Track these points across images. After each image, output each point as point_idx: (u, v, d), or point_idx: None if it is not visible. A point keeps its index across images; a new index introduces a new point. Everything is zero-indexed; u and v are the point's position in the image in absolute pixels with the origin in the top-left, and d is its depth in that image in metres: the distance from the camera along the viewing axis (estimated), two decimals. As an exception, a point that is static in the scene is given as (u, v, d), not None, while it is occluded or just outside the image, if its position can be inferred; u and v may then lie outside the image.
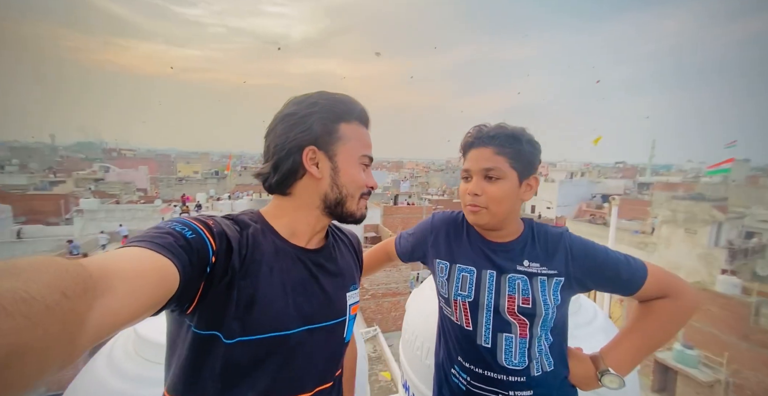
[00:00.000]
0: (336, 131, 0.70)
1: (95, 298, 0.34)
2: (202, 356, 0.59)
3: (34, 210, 21.48)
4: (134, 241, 0.48)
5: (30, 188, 27.31)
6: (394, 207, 21.34)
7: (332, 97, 0.72)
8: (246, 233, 0.65)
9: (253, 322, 0.60)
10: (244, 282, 0.60)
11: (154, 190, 32.76)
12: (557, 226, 0.98)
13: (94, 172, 35.93)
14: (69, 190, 26.90)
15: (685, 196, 19.05)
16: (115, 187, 29.46)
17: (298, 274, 0.68)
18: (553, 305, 0.87)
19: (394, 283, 12.01)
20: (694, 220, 16.10)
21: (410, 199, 27.37)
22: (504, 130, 0.89)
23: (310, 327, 0.68)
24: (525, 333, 0.88)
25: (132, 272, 0.41)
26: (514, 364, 0.88)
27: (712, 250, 15.29)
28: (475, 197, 0.89)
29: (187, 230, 0.54)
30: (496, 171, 0.87)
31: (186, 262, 0.50)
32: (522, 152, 0.88)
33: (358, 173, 0.72)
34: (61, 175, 35.65)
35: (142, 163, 43.66)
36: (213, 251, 0.56)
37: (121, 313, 0.38)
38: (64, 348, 0.30)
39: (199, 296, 0.57)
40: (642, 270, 0.87)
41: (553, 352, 0.92)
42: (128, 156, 52.20)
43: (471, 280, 0.93)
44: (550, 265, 0.89)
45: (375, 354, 6.75)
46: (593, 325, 1.25)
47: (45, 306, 0.28)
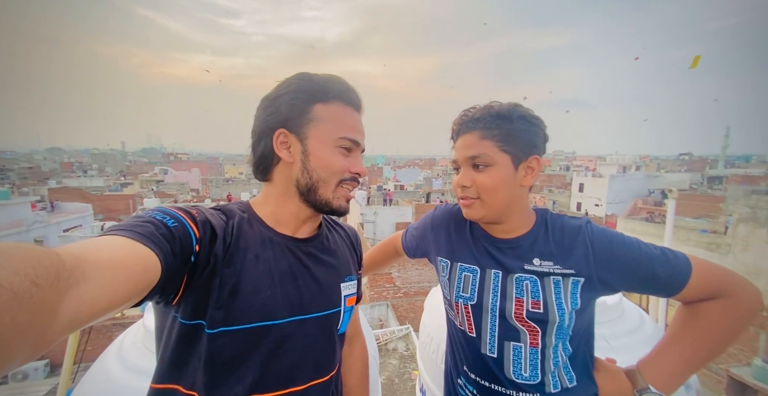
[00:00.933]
0: (308, 112, 0.65)
1: (68, 288, 0.33)
2: (188, 346, 0.58)
3: (110, 208, 24.55)
4: (113, 230, 0.47)
5: (106, 190, 31.25)
6: (426, 205, 21.05)
7: (309, 78, 0.67)
8: (232, 222, 0.64)
9: (236, 311, 0.58)
10: (227, 270, 0.59)
11: (204, 190, 35.69)
12: (577, 217, 0.84)
13: (155, 175, 40.03)
14: (136, 191, 30.31)
15: (769, 191, 16.44)
16: (172, 187, 32.62)
17: (287, 263, 0.66)
18: (570, 310, 0.75)
19: (426, 281, 11.87)
20: (780, 218, 13.84)
21: (443, 197, 26.83)
22: (490, 110, 0.78)
23: (301, 317, 0.65)
24: (536, 342, 0.76)
25: (109, 261, 0.40)
26: (524, 378, 0.76)
27: (805, 253, 13.03)
28: (464, 189, 0.80)
29: (169, 219, 0.53)
30: (482, 158, 0.77)
31: (168, 251, 0.49)
32: (513, 132, 0.76)
33: (332, 157, 0.66)
34: (130, 177, 40.25)
35: (195, 166, 47.82)
36: (196, 240, 0.54)
37: (97, 303, 0.37)
38: (32, 338, 0.29)
39: (184, 286, 0.55)
40: (685, 266, 0.72)
41: (575, 365, 0.79)
42: (183, 159, 57.46)
43: (474, 280, 0.83)
44: (565, 263, 0.77)
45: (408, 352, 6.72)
46: (638, 334, 1.10)
47: (13, 293, 0.27)
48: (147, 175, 40.92)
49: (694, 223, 17.86)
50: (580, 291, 0.76)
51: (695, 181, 31.23)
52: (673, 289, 0.73)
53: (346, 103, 0.68)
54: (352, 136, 0.68)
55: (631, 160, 32.30)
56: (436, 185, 31.95)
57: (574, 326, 0.77)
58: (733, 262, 14.52)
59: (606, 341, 0.90)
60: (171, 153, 67.51)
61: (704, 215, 19.59)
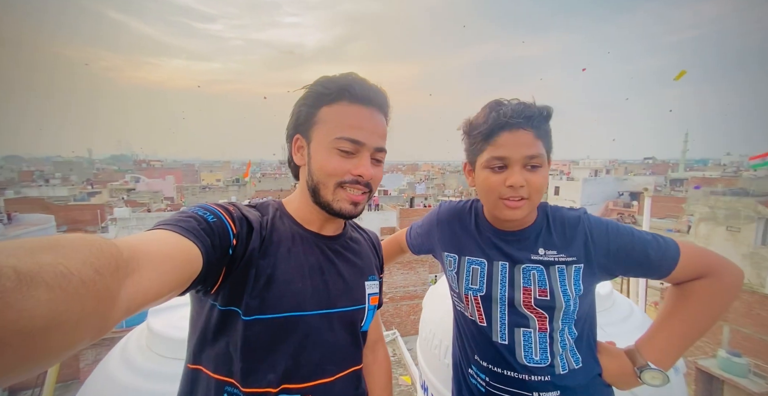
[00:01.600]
0: (315, 115, 0.67)
1: (126, 277, 0.36)
2: (223, 330, 0.61)
3: (75, 219, 23.04)
4: (161, 225, 0.51)
5: (71, 199, 29.37)
6: (410, 209, 21.23)
7: (321, 81, 0.68)
8: (266, 217, 0.68)
9: (270, 300, 0.61)
10: (263, 261, 0.62)
11: (180, 198, 34.31)
12: (575, 208, 0.88)
13: (126, 183, 38.15)
14: (104, 200, 28.69)
15: (726, 192, 17.77)
16: (144, 196, 31.14)
17: (315, 258, 0.69)
18: (575, 296, 0.79)
19: (412, 285, 11.89)
20: (736, 217, 14.96)
21: (426, 201, 27.16)
22: (534, 109, 0.76)
23: (328, 311, 0.68)
24: (545, 327, 0.79)
25: (159, 253, 0.43)
26: (535, 362, 0.80)
27: (759, 249, 14.13)
28: (517, 189, 0.75)
29: (209, 214, 0.57)
30: (539, 158, 0.75)
31: (208, 244, 0.52)
32: (549, 134, 0.80)
33: (328, 159, 0.66)
34: (98, 186, 38.10)
35: (169, 173, 45.96)
36: (233, 234, 0.58)
37: (149, 291, 0.40)
38: (97, 322, 0.32)
39: (223, 277, 0.59)
40: (674, 249, 0.77)
41: (581, 347, 0.83)
42: (156, 167, 55.12)
43: (482, 272, 0.86)
44: (568, 251, 0.80)
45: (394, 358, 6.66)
46: (629, 322, 1.15)
47: (81, 281, 0.30)
48: (117, 183, 38.94)
49: (660, 223, 18.99)
50: (582, 277, 0.79)
51: (659, 184, 33.26)
52: (664, 270, 0.77)
53: (352, 101, 0.66)
54: (350, 136, 0.65)
55: (601, 164, 34.11)
56: (420, 190, 32.34)
57: (578, 310, 0.80)
58: (697, 258, 15.49)
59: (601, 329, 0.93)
60: (143, 160, 64.70)
61: (669, 215, 20.87)
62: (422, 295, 12.04)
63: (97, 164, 79.35)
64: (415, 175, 53.71)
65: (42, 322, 0.27)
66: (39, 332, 0.27)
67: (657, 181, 34.16)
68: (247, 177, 15.21)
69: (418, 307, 11.94)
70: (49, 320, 0.27)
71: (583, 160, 40.37)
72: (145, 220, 18.48)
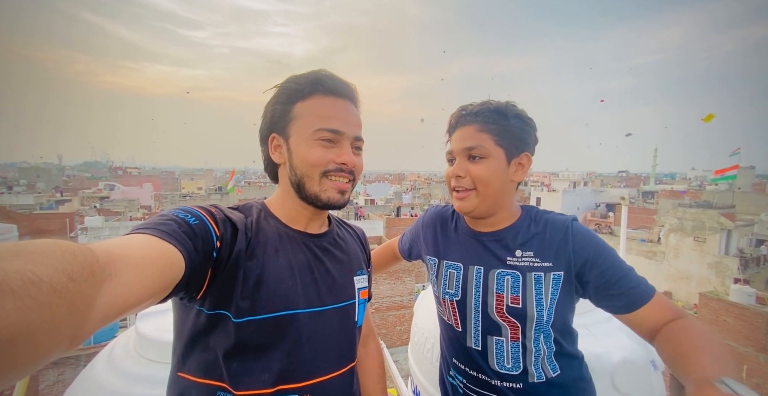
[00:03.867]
0: (290, 112, 0.67)
1: (102, 283, 0.34)
2: (211, 335, 0.59)
3: (40, 229, 21.61)
4: (139, 229, 0.49)
5: (36, 208, 27.61)
6: (396, 219, 21.25)
7: (291, 79, 0.68)
8: (250, 219, 0.66)
9: (262, 300, 0.60)
10: (250, 263, 0.61)
11: (158, 207, 32.97)
12: (564, 214, 0.86)
13: (99, 191, 36.34)
14: (74, 209, 27.16)
15: (692, 204, 18.86)
16: (119, 204, 29.71)
17: (304, 257, 0.69)
18: (549, 305, 0.76)
19: (398, 295, 11.78)
20: (702, 228, 15.87)
21: (413, 210, 27.30)
22: (488, 106, 0.81)
23: (320, 308, 0.67)
24: (517, 336, 0.78)
25: (138, 258, 0.41)
26: (507, 369, 0.79)
27: (723, 258, 14.98)
28: (458, 179, 0.81)
29: (190, 217, 0.55)
30: (479, 149, 0.79)
31: (190, 247, 0.50)
32: (509, 128, 0.79)
33: (311, 151, 0.66)
34: (68, 194, 36.07)
35: (147, 181, 44.22)
36: (217, 237, 0.56)
37: (128, 298, 0.38)
38: (71, 330, 0.30)
39: (208, 281, 0.57)
40: (650, 287, 0.75)
41: (559, 356, 0.80)
42: (133, 174, 52.92)
43: (458, 276, 0.85)
44: (546, 255, 0.78)
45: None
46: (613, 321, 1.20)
47: (52, 288, 0.28)
48: (89, 191, 37.02)
49: (634, 234, 19.83)
50: (561, 286, 0.77)
51: (632, 196, 34.84)
52: (635, 302, 0.73)
53: (325, 94, 0.67)
54: (329, 126, 0.66)
55: (579, 177, 35.52)
56: (406, 199, 32.50)
57: (553, 322, 0.78)
58: (668, 268, 16.22)
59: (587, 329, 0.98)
60: (119, 167, 61.99)
61: (642, 226, 21.85)
62: (409, 305, 11.94)
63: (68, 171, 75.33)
64: (402, 184, 54.04)
65: (8, 333, 0.25)
66: (6, 343, 0.25)
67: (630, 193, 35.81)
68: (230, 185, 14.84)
69: (405, 318, 11.81)
70: (18, 330, 0.26)
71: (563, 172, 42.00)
72: (119, 229, 17.59)
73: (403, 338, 10.68)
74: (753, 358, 9.64)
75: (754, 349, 9.67)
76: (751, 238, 18.12)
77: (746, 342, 9.87)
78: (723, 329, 10.42)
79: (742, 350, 9.92)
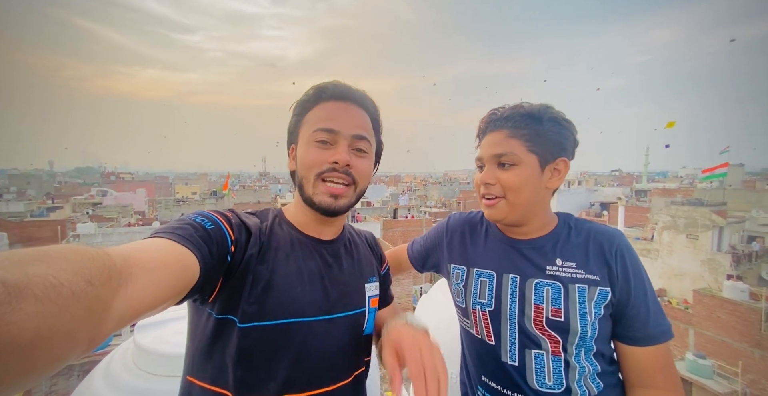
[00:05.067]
0: (301, 122, 0.70)
1: (119, 287, 0.35)
2: (218, 340, 0.59)
3: (31, 236, 21.24)
4: (157, 233, 0.50)
5: (27, 215, 27.15)
6: (393, 221, 21.24)
7: (307, 91, 0.71)
8: (265, 224, 0.68)
9: (269, 306, 0.60)
10: (260, 267, 0.61)
11: (152, 212, 32.62)
12: (609, 226, 0.80)
13: (91, 197, 35.84)
14: (66, 216, 26.77)
15: (684, 202, 19.12)
16: (112, 211, 29.33)
17: (315, 264, 0.68)
18: (593, 320, 0.71)
19: (396, 298, 11.74)
20: (694, 225, 16.09)
21: (409, 212, 27.33)
22: (519, 110, 0.77)
23: (329, 317, 0.66)
24: (558, 351, 0.73)
25: (154, 262, 0.42)
26: (548, 387, 0.73)
27: (716, 255, 15.18)
28: (488, 186, 0.78)
29: (207, 221, 0.56)
30: (508, 156, 0.75)
31: (206, 252, 0.51)
32: (542, 132, 0.75)
33: (307, 152, 0.66)
34: (59, 200, 35.53)
35: (141, 186, 43.77)
36: (231, 241, 0.58)
37: (144, 301, 0.39)
38: (88, 333, 0.31)
39: (221, 285, 0.58)
40: (670, 332, 0.73)
41: (603, 373, 0.74)
42: (126, 179, 52.36)
43: (491, 285, 0.80)
44: (590, 267, 0.73)
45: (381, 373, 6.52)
46: None
47: (72, 292, 0.29)
48: (81, 197, 36.50)
49: (629, 232, 20.03)
50: (607, 302, 0.72)
51: (626, 195, 35.23)
52: (649, 338, 0.72)
53: (328, 99, 0.69)
54: (324, 126, 0.66)
55: (573, 176, 35.90)
56: (402, 201, 32.51)
57: (597, 337, 0.73)
58: (662, 265, 16.41)
59: None
60: (112, 172, 61.39)
61: (636, 224, 22.09)
62: (407, 308, 11.88)
63: (60, 177, 74.29)
64: (398, 186, 54.11)
65: (31, 336, 0.26)
66: (28, 345, 0.26)
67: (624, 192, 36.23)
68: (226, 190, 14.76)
69: (402, 321, 11.72)
70: (39, 333, 0.26)
71: (556, 172, 42.41)
72: (112, 235, 17.36)
73: (402, 341, 10.57)
74: (748, 353, 9.76)
75: (749, 345, 9.80)
76: (742, 234, 18.41)
77: (740, 338, 10.00)
78: (717, 326, 10.55)
79: (736, 346, 10.05)
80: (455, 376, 1.07)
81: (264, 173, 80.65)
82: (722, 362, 9.97)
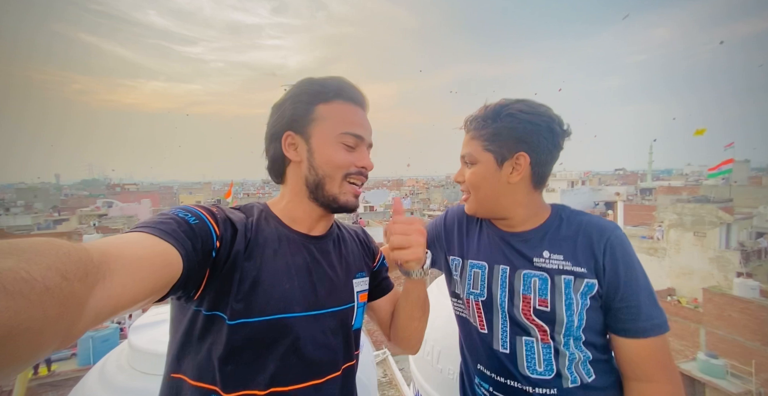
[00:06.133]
0: (311, 112, 0.68)
1: (96, 282, 0.34)
2: (206, 337, 0.59)
3: (38, 248, 21.45)
4: (138, 227, 0.49)
5: (34, 228, 27.51)
6: (397, 226, 21.08)
7: (311, 81, 0.70)
8: (251, 219, 0.66)
9: (257, 303, 0.60)
10: (248, 264, 0.60)
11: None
12: (605, 219, 0.80)
13: (97, 209, 36.19)
14: (73, 228, 27.04)
15: (690, 199, 18.93)
16: (118, 221, 29.62)
17: (302, 259, 0.68)
18: (580, 310, 0.72)
19: (402, 303, 11.58)
20: (701, 222, 15.89)
21: (412, 215, 27.24)
22: (483, 111, 0.81)
23: (317, 312, 0.66)
24: (547, 339, 0.75)
25: (133, 257, 0.41)
26: (539, 374, 0.75)
27: (724, 252, 14.95)
28: (459, 184, 0.88)
29: (191, 216, 0.54)
30: (468, 156, 0.83)
31: (189, 247, 0.50)
32: (498, 130, 0.77)
33: (336, 153, 0.68)
34: (65, 213, 35.96)
35: (145, 197, 44.16)
36: (217, 236, 0.56)
37: (122, 297, 0.38)
38: (62, 330, 0.30)
39: (206, 281, 0.56)
40: (665, 325, 0.72)
41: (594, 361, 0.75)
42: (131, 190, 52.89)
43: (483, 276, 0.83)
44: (578, 259, 0.74)
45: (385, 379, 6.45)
46: None
47: (45, 287, 0.28)
48: (87, 209, 36.86)
49: (634, 231, 19.81)
50: (594, 293, 0.73)
51: (630, 193, 34.91)
52: (640, 330, 0.71)
53: (346, 101, 0.70)
54: (354, 131, 0.69)
55: (577, 176, 35.71)
56: (405, 205, 32.52)
57: (585, 327, 0.74)
58: (670, 264, 16.18)
59: None
60: (117, 184, 62.08)
61: (642, 223, 21.85)
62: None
63: (66, 190, 75.13)
64: (400, 190, 54.12)
65: (1, 331, 0.25)
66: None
67: (628, 191, 35.90)
68: (229, 197, 14.85)
69: (408, 325, 11.55)
70: (9, 328, 0.26)
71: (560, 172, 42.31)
72: (118, 246, 17.48)
73: (408, 346, 10.38)
74: (761, 352, 9.53)
75: (761, 343, 9.58)
76: (750, 231, 18.15)
77: (753, 336, 9.78)
78: (729, 324, 10.34)
79: (749, 345, 9.83)
80: (454, 372, 1.09)
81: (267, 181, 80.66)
82: (735, 362, 9.75)
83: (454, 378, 1.09)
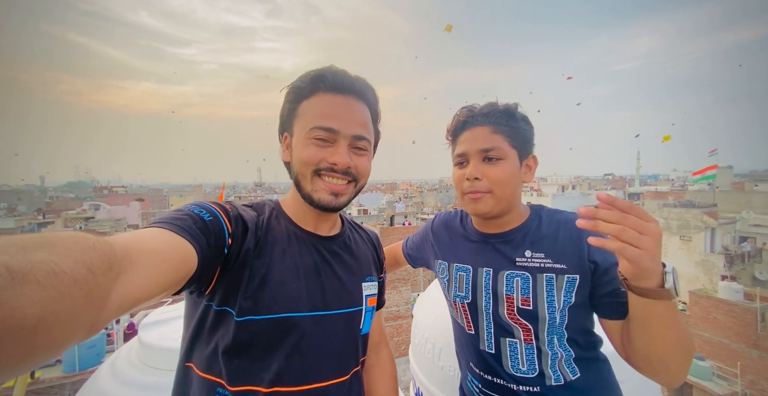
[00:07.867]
0: (295, 110, 0.67)
1: (119, 275, 0.36)
2: (216, 331, 0.60)
3: (21, 252, 20.80)
4: (156, 223, 0.50)
5: (17, 231, 26.69)
6: (390, 228, 21.19)
7: (301, 77, 0.67)
8: (262, 217, 0.67)
9: (264, 300, 0.60)
10: (257, 262, 0.61)
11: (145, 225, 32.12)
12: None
13: (84, 211, 35.35)
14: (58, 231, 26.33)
15: (676, 204, 19.40)
16: (105, 224, 28.92)
17: (311, 259, 0.68)
18: (562, 307, 0.73)
19: (394, 305, 11.65)
20: (687, 226, 16.29)
21: (406, 219, 27.33)
22: (497, 107, 0.80)
23: (324, 313, 0.66)
24: (530, 339, 0.76)
25: (153, 251, 0.43)
26: (522, 372, 0.77)
27: (709, 256, 15.33)
28: (475, 182, 0.78)
29: (205, 213, 0.56)
30: (496, 151, 0.77)
31: (203, 243, 0.51)
32: (519, 130, 0.79)
33: (304, 149, 0.65)
34: (50, 215, 34.97)
35: (134, 199, 43.33)
36: (229, 233, 0.57)
37: (142, 289, 0.39)
38: (88, 320, 0.32)
39: (217, 277, 0.58)
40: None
41: (578, 359, 0.76)
42: (119, 193, 51.81)
43: (467, 279, 0.84)
44: (559, 256, 0.74)
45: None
46: None
47: (73, 279, 0.29)
48: (73, 211, 35.98)
49: (623, 235, 20.07)
50: (576, 289, 0.73)
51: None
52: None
53: (326, 91, 0.66)
54: (323, 125, 0.64)
55: (567, 181, 36.30)
56: (399, 208, 32.53)
57: (567, 324, 0.75)
58: (658, 267, 16.47)
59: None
60: (105, 186, 60.80)
61: (630, 227, 22.18)
62: (406, 315, 11.71)
63: (51, 192, 73.17)
64: (394, 193, 54.15)
65: (33, 321, 0.26)
66: (31, 330, 0.26)
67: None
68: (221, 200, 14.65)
69: (402, 328, 11.63)
70: (41, 319, 0.27)
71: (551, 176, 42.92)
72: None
73: (401, 349, 10.48)
74: (745, 354, 9.77)
75: (746, 345, 9.81)
76: (734, 235, 18.66)
77: (737, 338, 10.02)
78: (714, 326, 10.57)
79: (734, 347, 10.06)
80: (455, 369, 1.12)
81: (259, 183, 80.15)
82: (721, 363, 9.97)
83: (455, 375, 1.11)
